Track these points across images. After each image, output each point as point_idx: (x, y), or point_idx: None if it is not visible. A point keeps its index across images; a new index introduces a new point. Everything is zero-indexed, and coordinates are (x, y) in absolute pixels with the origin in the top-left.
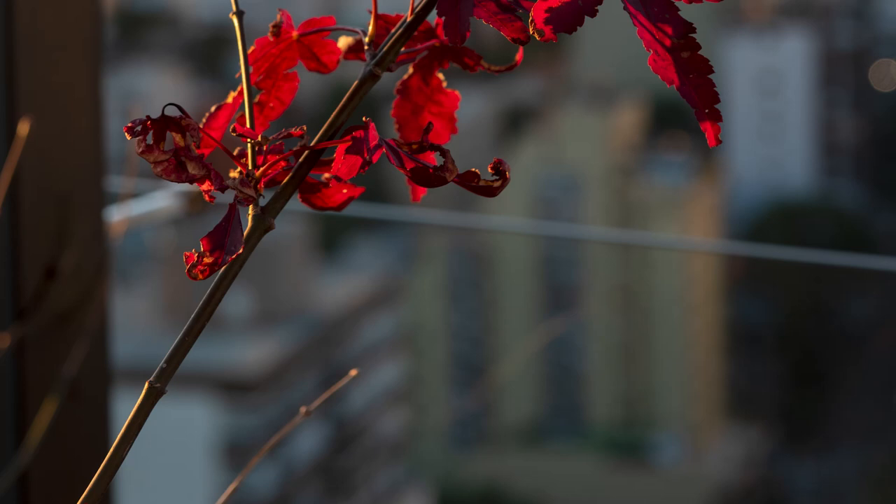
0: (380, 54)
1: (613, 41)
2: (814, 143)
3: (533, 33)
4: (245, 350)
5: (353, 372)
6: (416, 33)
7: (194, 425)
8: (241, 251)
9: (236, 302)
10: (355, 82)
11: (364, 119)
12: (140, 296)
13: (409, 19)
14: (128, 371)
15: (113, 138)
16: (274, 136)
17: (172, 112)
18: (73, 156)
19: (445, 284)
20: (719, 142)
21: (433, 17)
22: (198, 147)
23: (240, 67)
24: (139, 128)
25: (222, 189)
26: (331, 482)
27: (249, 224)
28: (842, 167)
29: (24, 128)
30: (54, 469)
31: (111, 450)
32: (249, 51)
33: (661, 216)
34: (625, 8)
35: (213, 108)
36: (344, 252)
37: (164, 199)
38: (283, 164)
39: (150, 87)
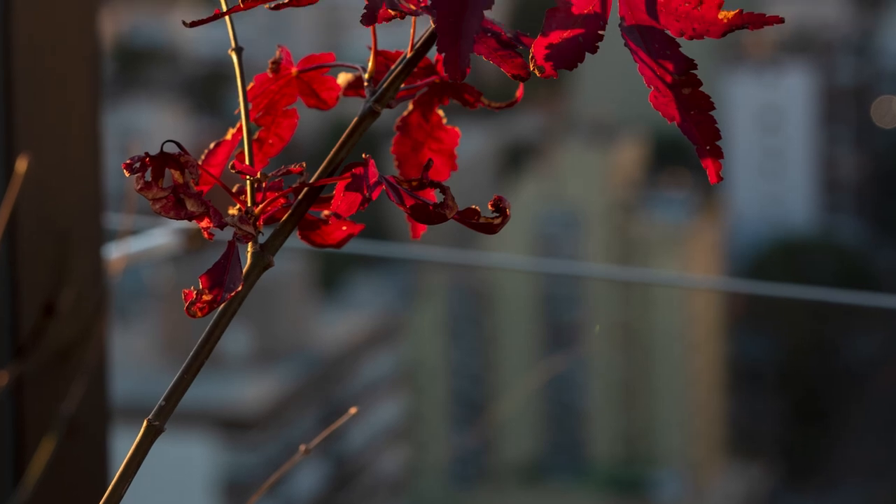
0: (379, 91)
1: (614, 77)
2: (815, 180)
3: (533, 70)
4: (244, 388)
5: (353, 410)
6: (415, 70)
7: (193, 463)
8: (239, 288)
9: (235, 339)
10: (355, 119)
11: (364, 156)
12: (139, 333)
13: (408, 56)
14: (127, 408)
15: (112, 175)
16: (273, 172)
17: (171, 149)
18: (71, 192)
19: (445, 321)
20: (720, 178)
21: (433, 54)
22: (197, 184)
23: (239, 104)
24: (138, 164)
25: (221, 226)
26: None
27: (248, 261)
28: (843, 204)
29: (22, 164)
30: None
31: (110, 488)
32: (248, 87)
33: (661, 253)
34: (625, 44)
35: (211, 145)
36: (343, 289)
37: (162, 236)
38: (282, 201)
39: (149, 124)
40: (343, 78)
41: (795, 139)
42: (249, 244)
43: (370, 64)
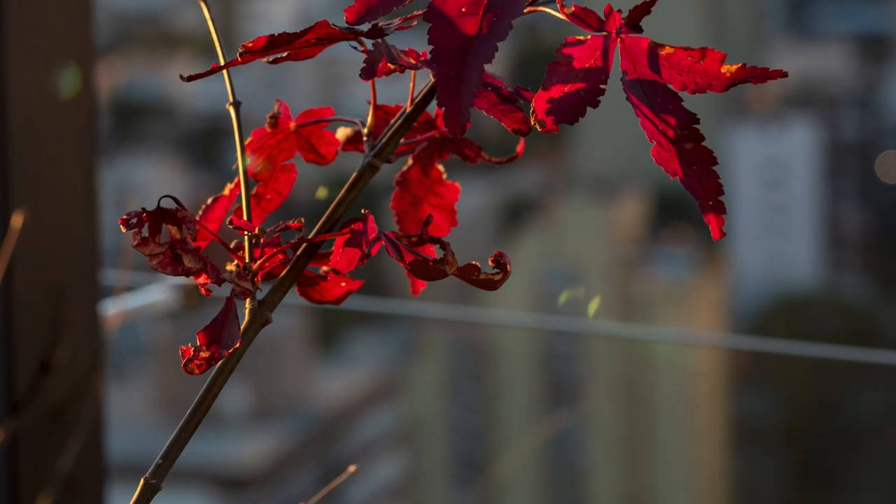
0: (379, 145)
1: (616, 132)
2: (819, 236)
3: (534, 124)
4: (242, 445)
5: (352, 468)
6: (415, 124)
7: None
8: (237, 345)
9: (233, 396)
10: (354, 174)
11: (363, 211)
12: (136, 390)
13: (408, 110)
14: (123, 466)
15: (108, 230)
16: (271, 228)
17: (168, 204)
18: (67, 248)
19: (445, 378)
20: (723, 234)
21: (433, 108)
22: (194, 240)
23: (237, 159)
24: (134, 220)
25: (219, 282)
26: None
27: (246, 318)
28: (848, 260)
29: (17, 220)
30: None
31: None
32: (247, 142)
33: (664, 309)
34: (627, 98)
35: (209, 200)
36: (342, 346)
37: (159, 292)
38: (280, 256)
39: (146, 179)
40: (342, 132)
41: (799, 194)
42: (247, 300)
43: (369, 118)
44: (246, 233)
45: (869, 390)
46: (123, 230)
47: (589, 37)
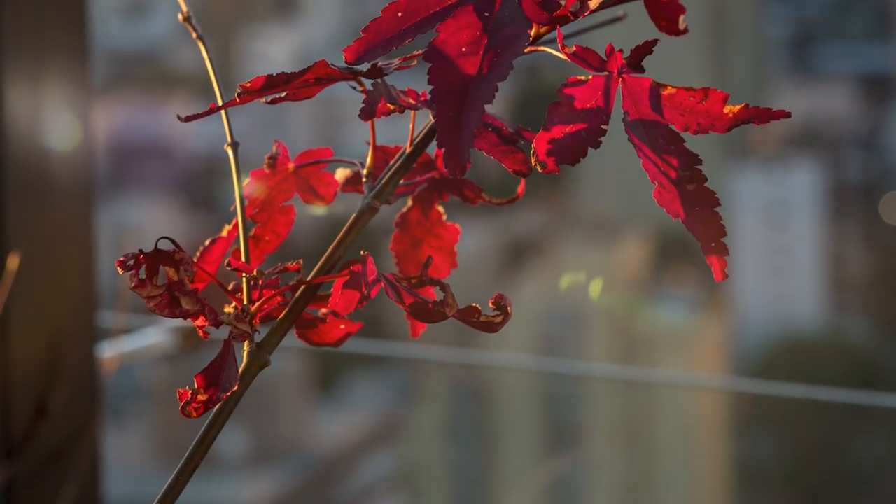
0: (378, 186)
1: (617, 173)
2: (823, 278)
3: (535, 165)
4: (240, 489)
5: None
6: (415, 165)
7: None
8: (235, 388)
9: (231, 440)
10: (353, 215)
11: (362, 253)
12: (133, 433)
13: (408, 150)
14: None
15: (105, 272)
16: (270, 270)
17: (166, 246)
18: (64, 290)
19: (445, 422)
20: (726, 276)
21: (433, 149)
22: (192, 282)
23: (234, 200)
24: (131, 262)
25: (217, 325)
26: None
27: (245, 360)
28: (852, 302)
29: (13, 262)
30: None
31: None
32: (244, 183)
33: (666, 352)
34: (629, 139)
35: (207, 242)
36: (341, 388)
37: (157, 334)
38: (279, 298)
39: (143, 220)
40: (341, 173)
41: (802, 235)
42: (245, 343)
43: (368, 159)
44: (244, 275)
45: (873, 433)
46: (120, 272)
47: (590, 77)
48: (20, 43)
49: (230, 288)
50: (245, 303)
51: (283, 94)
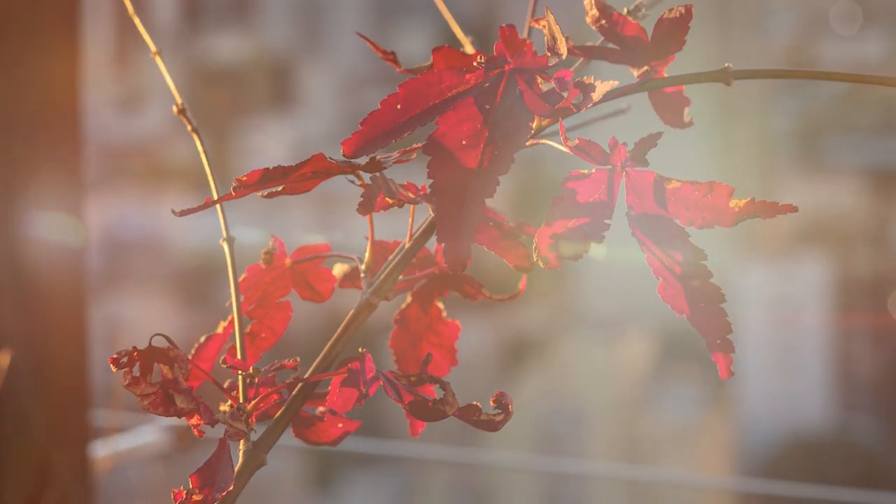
0: (377, 282)
1: (621, 268)
2: (831, 376)
3: (537, 261)
4: None
5: None
6: (414, 260)
7: None
8: (231, 488)
9: None
10: (351, 311)
11: (360, 350)
12: None
13: (407, 246)
14: None
15: (98, 370)
16: (266, 367)
17: (160, 342)
18: (56, 388)
19: None
20: (732, 374)
21: (432, 243)
22: (186, 379)
23: (230, 296)
24: (125, 359)
25: (212, 423)
26: None
27: (240, 459)
28: (860, 401)
29: (4, 359)
30: None
31: None
32: (240, 279)
33: (670, 451)
34: (633, 234)
35: (202, 339)
36: (339, 488)
37: (151, 433)
38: (275, 396)
39: (137, 316)
40: (339, 269)
41: (810, 332)
42: (242, 442)
43: (367, 254)
44: (240, 372)
45: None
46: (114, 369)
47: (593, 170)
48: (13, 135)
49: (226, 386)
50: (241, 401)
51: (280, 188)
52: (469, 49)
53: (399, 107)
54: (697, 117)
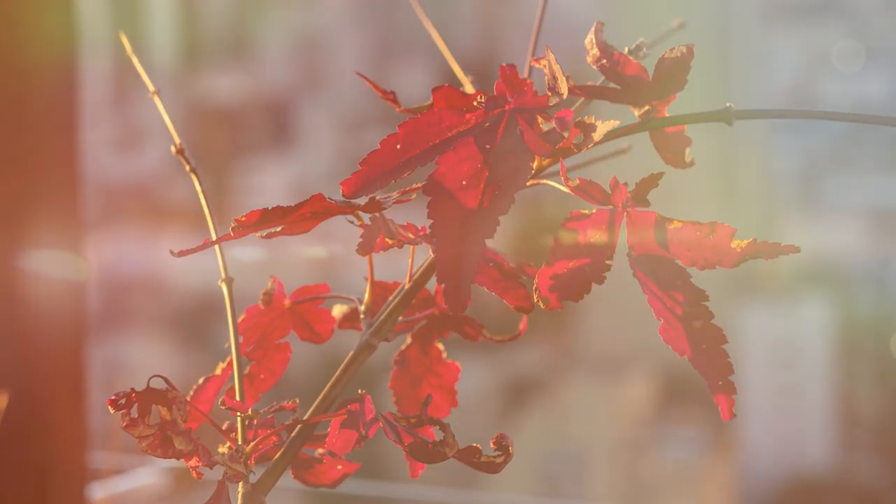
0: (376, 323)
1: (622, 309)
2: (833, 417)
3: (537, 301)
4: None
5: None
6: (414, 301)
7: None
8: None
9: None
10: (351, 353)
11: (360, 391)
12: None
13: (406, 287)
14: None
15: (96, 411)
16: (265, 409)
17: (158, 384)
18: (53, 429)
19: None
20: (733, 415)
21: (432, 284)
22: (185, 421)
23: (229, 337)
24: (123, 400)
25: (211, 465)
26: None
27: (239, 502)
28: (863, 442)
29: (1, 399)
30: None
31: None
32: (239, 320)
33: (672, 493)
34: (634, 274)
35: (200, 380)
36: None
37: (149, 475)
38: (274, 438)
39: (135, 358)
40: (338, 310)
41: (812, 374)
42: (240, 484)
43: (367, 295)
44: (239, 414)
45: None
46: (112, 411)
47: (594, 210)
48: (10, 176)
49: (224, 427)
50: (240, 443)
51: (279, 229)
52: (469, 88)
53: (399, 147)
54: (699, 157)
